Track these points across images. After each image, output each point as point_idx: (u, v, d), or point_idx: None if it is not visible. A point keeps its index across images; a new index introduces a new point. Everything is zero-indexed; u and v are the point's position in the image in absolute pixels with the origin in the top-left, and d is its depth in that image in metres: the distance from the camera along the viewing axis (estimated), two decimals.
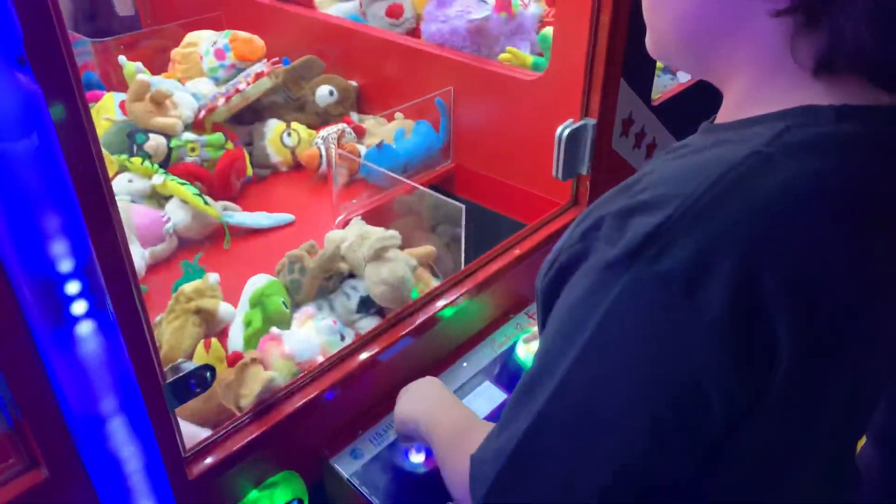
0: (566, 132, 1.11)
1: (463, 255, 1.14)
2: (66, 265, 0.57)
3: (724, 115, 0.51)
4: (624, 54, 1.10)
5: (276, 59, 1.47)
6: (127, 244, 0.65)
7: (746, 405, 0.44)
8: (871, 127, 0.45)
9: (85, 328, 0.60)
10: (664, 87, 1.42)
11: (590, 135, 1.13)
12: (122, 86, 1.44)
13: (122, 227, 0.63)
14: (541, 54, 1.40)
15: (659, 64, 1.41)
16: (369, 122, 1.47)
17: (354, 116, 1.51)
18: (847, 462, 0.61)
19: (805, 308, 0.42)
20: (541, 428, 0.48)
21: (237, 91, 1.35)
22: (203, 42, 1.52)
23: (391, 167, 1.30)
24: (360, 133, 1.43)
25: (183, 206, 1.21)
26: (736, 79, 0.50)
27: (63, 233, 0.57)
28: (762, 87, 0.48)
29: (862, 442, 0.81)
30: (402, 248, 1.10)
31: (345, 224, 1.20)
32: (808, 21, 0.44)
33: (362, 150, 1.36)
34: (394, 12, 1.51)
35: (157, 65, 1.57)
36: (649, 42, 0.55)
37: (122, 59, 1.43)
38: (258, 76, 1.37)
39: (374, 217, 1.20)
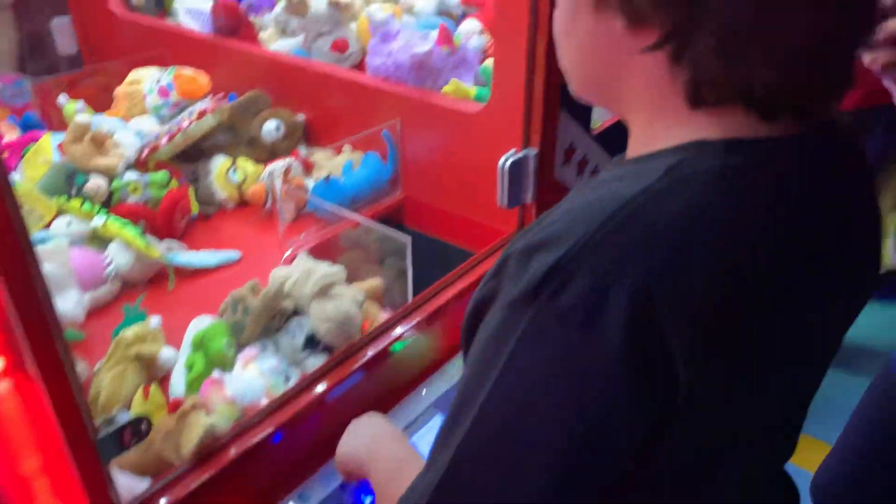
0: (508, 162, 1.13)
1: (410, 287, 1.13)
2: None
3: (630, 150, 0.53)
4: (562, 84, 1.11)
5: (222, 94, 1.46)
6: (48, 294, 0.62)
7: (654, 431, 0.45)
8: (757, 158, 0.46)
9: (1, 388, 0.58)
10: (605, 115, 1.45)
11: (532, 164, 1.14)
12: (63, 126, 1.41)
13: (41, 277, 0.61)
14: (484, 85, 1.42)
15: None
16: (318, 156, 1.46)
17: (303, 150, 1.51)
18: (773, 477, 0.62)
19: (700, 335, 0.43)
20: (459, 464, 0.48)
21: (180, 129, 1.34)
22: (147, 80, 1.50)
23: (339, 200, 1.30)
24: (308, 167, 1.42)
25: (126, 248, 1.19)
26: (635, 115, 0.52)
27: None
28: (656, 123, 0.50)
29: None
30: (350, 281, 1.09)
31: (292, 259, 1.19)
32: (675, 55, 0.46)
33: (310, 183, 1.36)
34: (339, 46, 1.52)
35: (101, 102, 1.55)
36: (569, 85, 0.57)
37: (61, 99, 1.40)
38: (202, 114, 1.36)
39: (322, 251, 1.19)
